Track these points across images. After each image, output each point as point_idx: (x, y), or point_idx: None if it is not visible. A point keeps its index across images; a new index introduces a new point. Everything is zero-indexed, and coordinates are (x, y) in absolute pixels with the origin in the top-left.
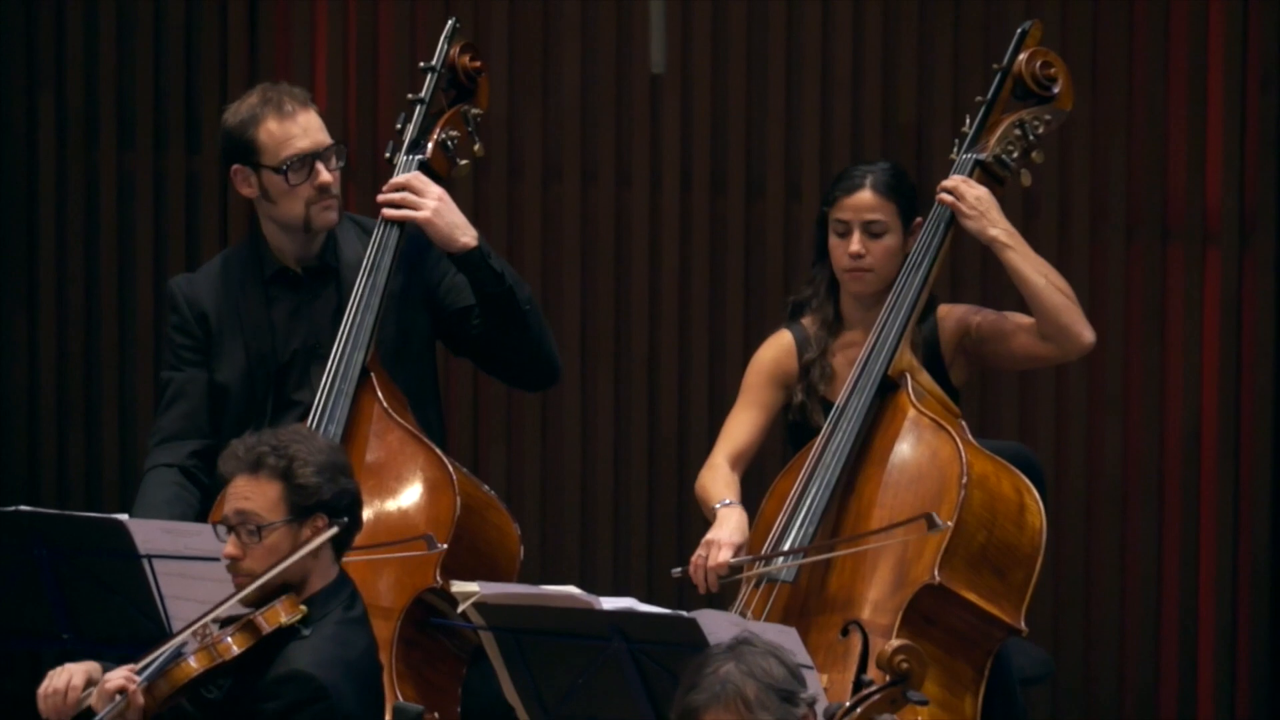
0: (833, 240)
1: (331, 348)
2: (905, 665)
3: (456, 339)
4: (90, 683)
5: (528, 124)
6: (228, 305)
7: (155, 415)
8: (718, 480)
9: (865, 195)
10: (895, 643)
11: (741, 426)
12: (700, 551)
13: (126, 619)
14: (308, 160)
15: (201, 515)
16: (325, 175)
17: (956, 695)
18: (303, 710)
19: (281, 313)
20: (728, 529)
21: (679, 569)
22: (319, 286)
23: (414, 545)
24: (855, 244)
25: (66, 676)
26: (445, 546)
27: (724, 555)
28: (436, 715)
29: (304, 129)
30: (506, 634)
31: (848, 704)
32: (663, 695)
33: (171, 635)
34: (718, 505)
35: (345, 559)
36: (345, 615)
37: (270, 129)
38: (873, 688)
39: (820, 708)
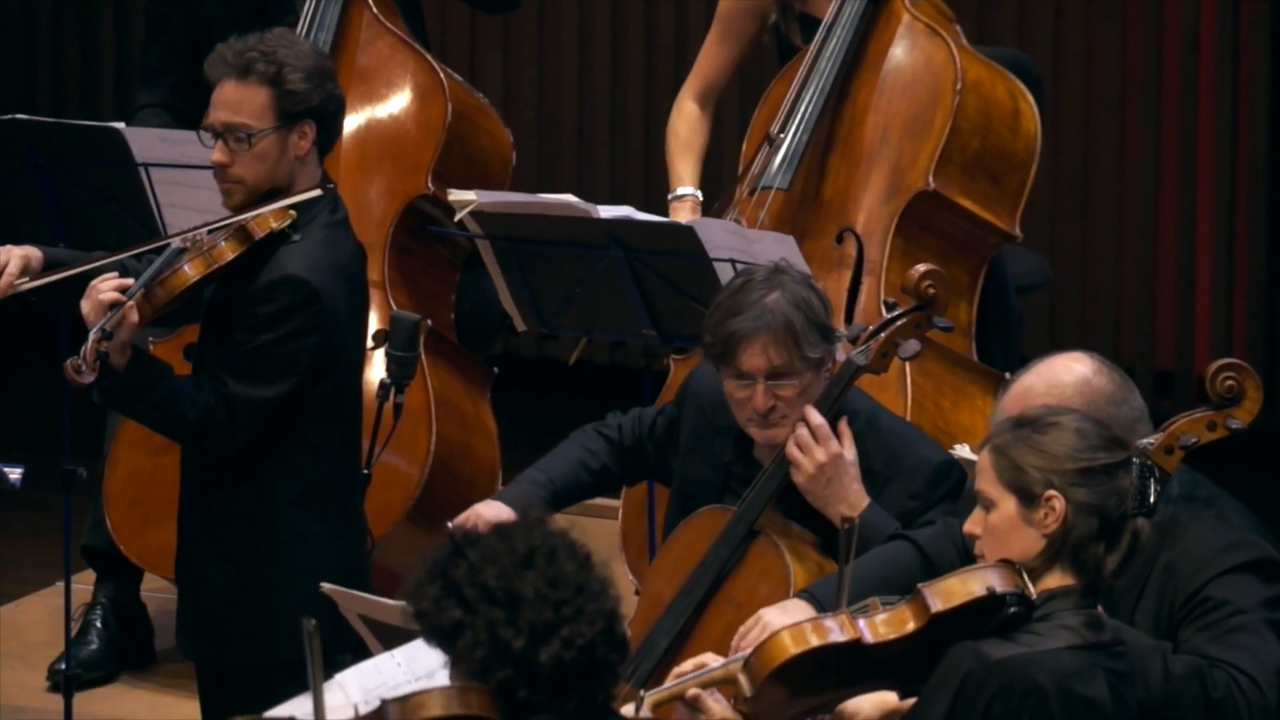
0: None
1: None
2: (932, 290)
3: None
4: (26, 270)
5: None
6: None
7: (143, 52)
8: (680, 137)
9: None
10: (922, 267)
11: (711, 61)
12: None
13: (123, 228)
14: None
15: None
16: None
17: (952, 303)
18: (296, 313)
19: None
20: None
21: None
22: None
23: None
24: None
25: (4, 258)
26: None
27: None
28: (429, 321)
29: None
30: (503, 242)
31: (872, 328)
32: (659, 305)
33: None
34: (670, 196)
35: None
36: (331, 218)
37: None
38: (898, 312)
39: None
